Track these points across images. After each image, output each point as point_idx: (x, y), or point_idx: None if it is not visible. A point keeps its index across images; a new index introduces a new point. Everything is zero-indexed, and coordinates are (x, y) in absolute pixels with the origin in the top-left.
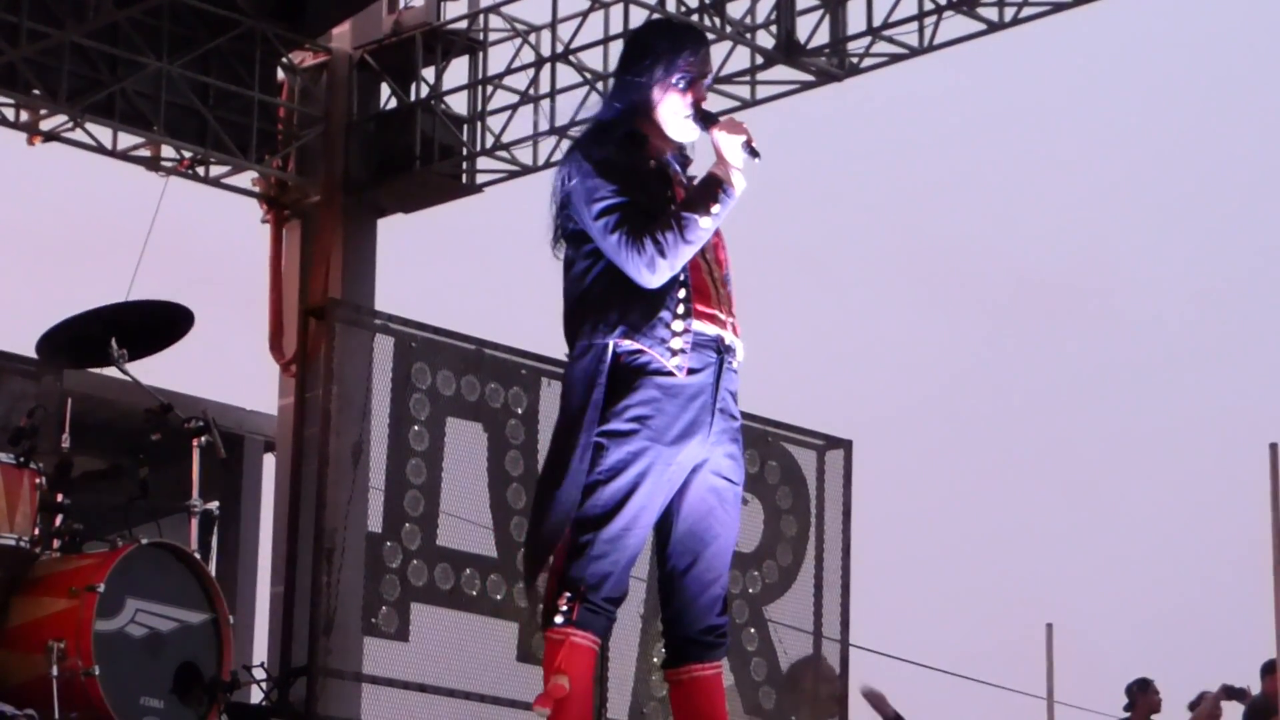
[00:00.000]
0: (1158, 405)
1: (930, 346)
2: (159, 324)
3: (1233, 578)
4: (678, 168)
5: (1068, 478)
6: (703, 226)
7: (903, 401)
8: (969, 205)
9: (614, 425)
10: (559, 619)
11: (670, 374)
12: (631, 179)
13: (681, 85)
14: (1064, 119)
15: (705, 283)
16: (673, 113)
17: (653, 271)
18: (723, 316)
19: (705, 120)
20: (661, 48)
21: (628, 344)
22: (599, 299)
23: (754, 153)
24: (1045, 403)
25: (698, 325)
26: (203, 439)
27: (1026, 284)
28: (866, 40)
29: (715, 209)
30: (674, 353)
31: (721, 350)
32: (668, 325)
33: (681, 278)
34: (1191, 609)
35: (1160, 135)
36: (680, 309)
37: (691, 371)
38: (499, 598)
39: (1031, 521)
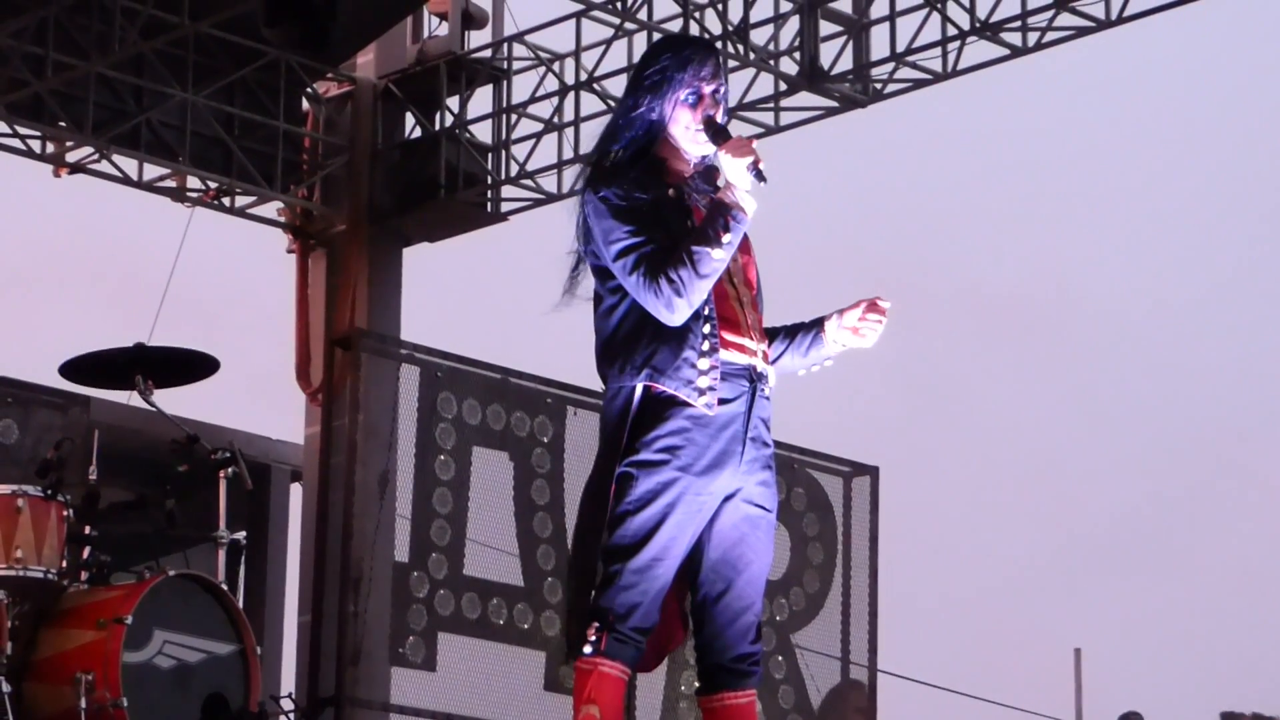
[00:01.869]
0: (1172, 421)
1: (946, 368)
2: (183, 366)
3: (1259, 600)
4: (704, 186)
5: (1091, 499)
6: (715, 259)
7: (927, 425)
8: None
9: (643, 456)
10: (588, 649)
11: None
12: (648, 216)
13: (690, 101)
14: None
15: (733, 311)
16: (684, 129)
17: (672, 311)
18: (752, 345)
19: (717, 136)
20: (667, 65)
21: (656, 386)
22: (626, 339)
23: (761, 176)
24: (1065, 422)
25: (727, 355)
26: (229, 470)
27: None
28: (890, 66)
29: (726, 239)
30: (701, 392)
31: (754, 379)
32: (693, 365)
33: (705, 312)
34: (1220, 632)
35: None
36: (705, 345)
37: (723, 402)
38: (526, 627)
39: (1061, 545)
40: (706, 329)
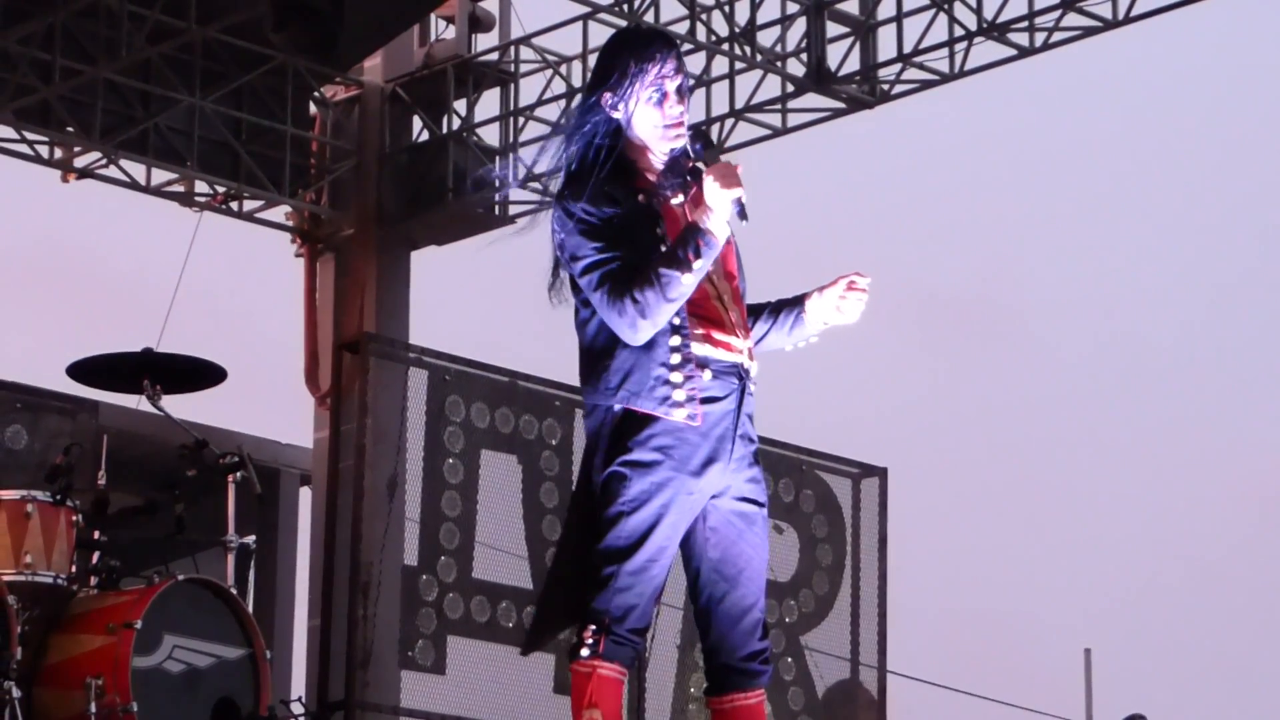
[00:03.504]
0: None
1: (956, 374)
2: (191, 373)
3: (1273, 601)
4: (673, 180)
5: (1105, 501)
6: (685, 283)
7: (934, 427)
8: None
9: (637, 455)
10: (585, 652)
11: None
12: (615, 231)
13: (655, 99)
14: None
15: (716, 310)
16: (651, 127)
17: (635, 331)
18: (738, 343)
19: (698, 138)
20: (629, 61)
21: (634, 409)
22: (600, 355)
23: (743, 213)
24: (1082, 424)
25: (716, 354)
26: (238, 475)
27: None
28: (897, 67)
29: (697, 264)
30: (680, 404)
31: (742, 376)
32: (666, 380)
33: (675, 322)
34: (1231, 632)
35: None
36: (675, 358)
37: (713, 400)
38: None
39: (1070, 545)
40: (676, 341)
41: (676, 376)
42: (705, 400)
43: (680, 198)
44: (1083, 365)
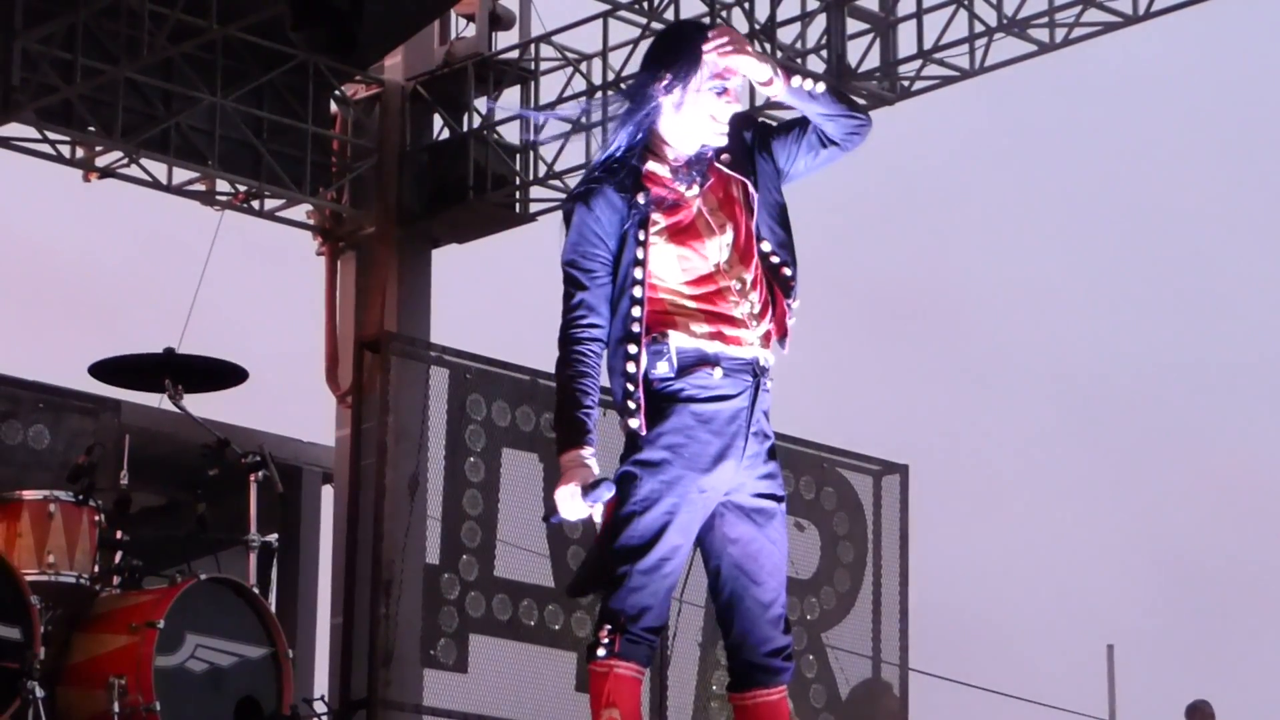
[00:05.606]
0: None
1: (975, 370)
2: (212, 373)
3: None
4: (690, 175)
5: (1121, 497)
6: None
7: (954, 424)
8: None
9: (646, 454)
10: (601, 651)
11: (703, 400)
12: (600, 244)
13: (717, 89)
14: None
15: (726, 305)
16: (703, 117)
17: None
18: (750, 336)
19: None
20: (699, 50)
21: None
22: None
23: (549, 515)
24: (1098, 419)
25: (727, 350)
26: (260, 473)
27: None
28: (917, 63)
29: (561, 450)
30: (633, 414)
31: (756, 373)
32: (623, 391)
33: (633, 350)
34: (1254, 627)
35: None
36: (630, 387)
37: (727, 398)
38: (557, 628)
39: (1090, 541)
40: (631, 360)
41: (630, 386)
42: (716, 398)
43: (695, 189)
44: (1100, 361)
